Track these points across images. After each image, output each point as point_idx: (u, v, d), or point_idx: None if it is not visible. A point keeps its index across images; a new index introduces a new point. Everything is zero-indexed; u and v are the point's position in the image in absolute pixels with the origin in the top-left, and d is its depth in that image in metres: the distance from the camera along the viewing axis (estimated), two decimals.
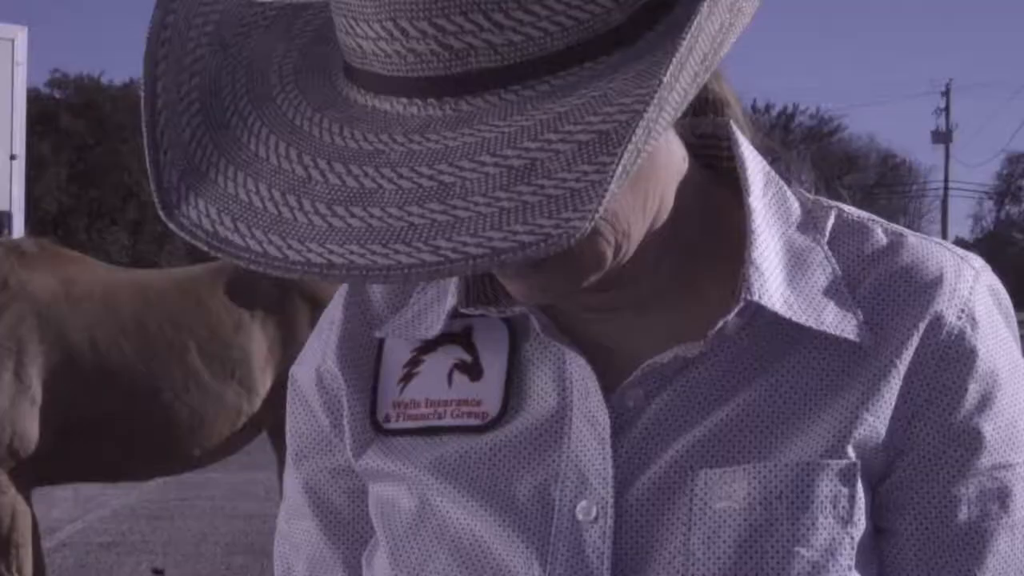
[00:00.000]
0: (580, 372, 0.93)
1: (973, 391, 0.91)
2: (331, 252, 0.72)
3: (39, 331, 4.12)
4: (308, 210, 0.74)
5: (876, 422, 0.90)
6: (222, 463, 11.05)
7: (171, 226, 0.76)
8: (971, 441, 0.91)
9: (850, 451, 0.89)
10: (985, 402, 0.91)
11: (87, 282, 4.32)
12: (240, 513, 8.53)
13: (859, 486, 0.89)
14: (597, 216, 0.70)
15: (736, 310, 0.89)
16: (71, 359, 4.15)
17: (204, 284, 4.44)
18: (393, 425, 0.98)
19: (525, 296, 0.90)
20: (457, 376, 0.97)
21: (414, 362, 0.99)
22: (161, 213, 0.76)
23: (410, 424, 0.97)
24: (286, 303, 4.40)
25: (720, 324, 0.90)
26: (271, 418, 4.49)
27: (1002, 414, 0.91)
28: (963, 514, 0.91)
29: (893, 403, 0.90)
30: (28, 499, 4.16)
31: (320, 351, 1.04)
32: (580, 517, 0.90)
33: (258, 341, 4.39)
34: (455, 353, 0.97)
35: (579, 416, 0.92)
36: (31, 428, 4.05)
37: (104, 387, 4.18)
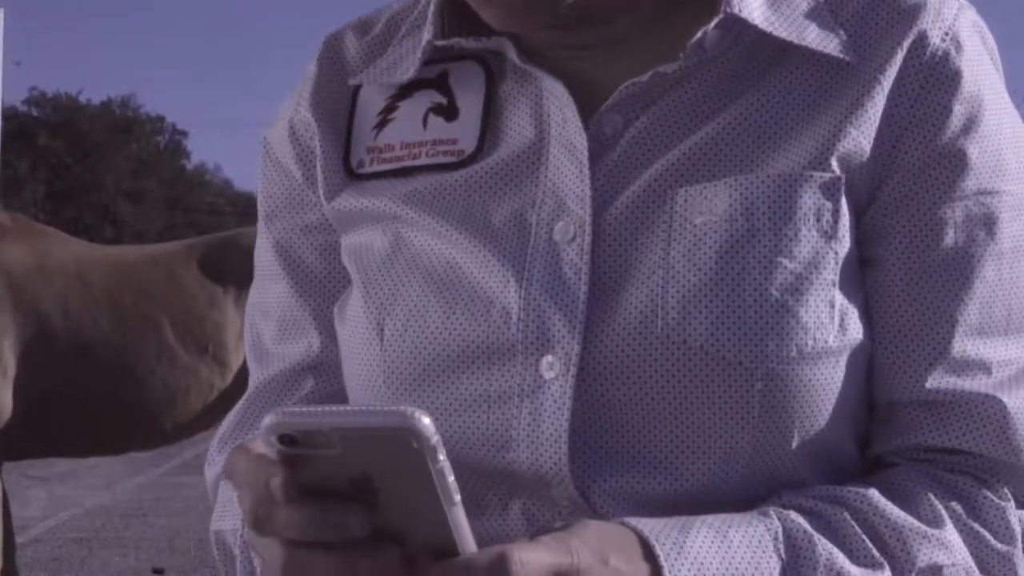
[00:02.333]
0: (558, 101, 0.93)
1: (958, 112, 0.90)
2: None
3: (11, 302, 4.12)
4: None
5: (860, 137, 0.89)
6: (196, 467, 10.97)
7: None
8: (956, 162, 0.90)
9: (834, 164, 0.89)
10: (970, 125, 0.91)
11: (61, 256, 4.33)
12: None
13: (843, 202, 0.89)
14: None
15: (715, 21, 0.90)
16: (44, 331, 4.15)
17: (178, 259, 4.46)
18: (367, 169, 0.98)
19: (503, 21, 0.90)
20: (432, 118, 0.97)
21: (389, 108, 0.99)
22: None
23: (385, 167, 0.97)
24: None
25: (699, 35, 0.90)
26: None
27: (987, 139, 0.91)
28: (949, 238, 0.90)
29: (877, 121, 0.90)
30: (0, 472, 4.15)
31: (293, 104, 1.04)
32: (557, 237, 0.90)
33: (231, 316, 4.40)
34: (430, 96, 0.97)
35: (556, 144, 0.92)
36: (3, 399, 4.04)
37: (77, 360, 4.18)
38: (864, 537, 0.86)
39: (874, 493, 0.88)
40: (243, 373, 4.42)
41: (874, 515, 0.87)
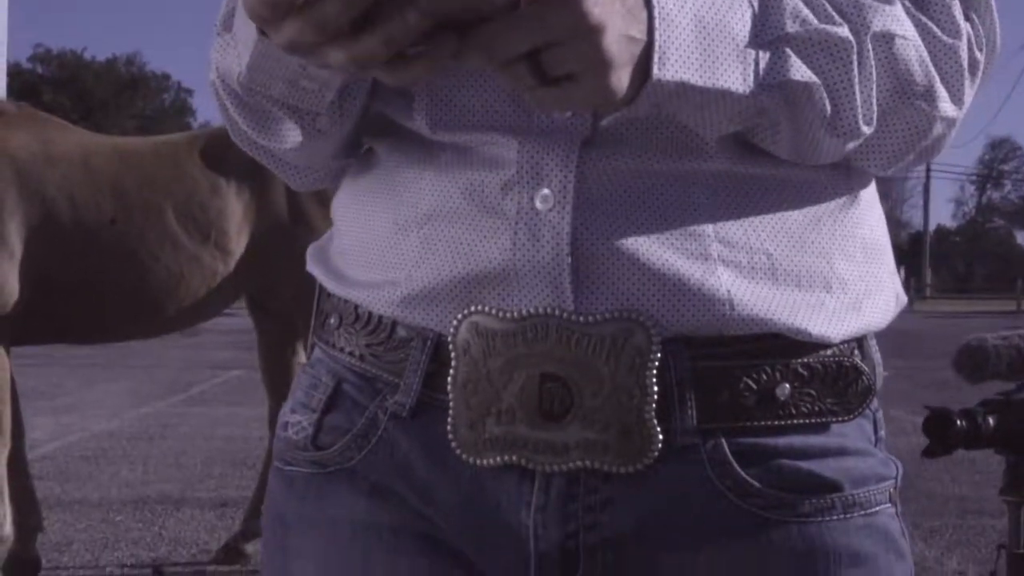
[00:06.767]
0: None
1: None
2: None
3: (17, 187, 4.18)
4: None
5: None
6: (201, 400, 10.97)
7: None
8: None
9: None
10: None
11: (66, 143, 4.39)
12: (219, 435, 8.61)
13: None
14: None
15: None
16: (49, 216, 4.21)
17: (181, 149, 4.51)
18: None
19: None
20: None
21: None
22: None
23: None
24: (261, 169, 4.46)
25: None
26: (249, 284, 4.57)
27: None
28: None
29: None
30: (8, 355, 4.22)
31: None
32: None
33: (233, 204, 4.46)
34: None
35: None
36: (11, 282, 4.10)
37: (81, 245, 4.24)
38: (823, 1, 0.93)
39: None
40: (245, 261, 4.49)
41: None
